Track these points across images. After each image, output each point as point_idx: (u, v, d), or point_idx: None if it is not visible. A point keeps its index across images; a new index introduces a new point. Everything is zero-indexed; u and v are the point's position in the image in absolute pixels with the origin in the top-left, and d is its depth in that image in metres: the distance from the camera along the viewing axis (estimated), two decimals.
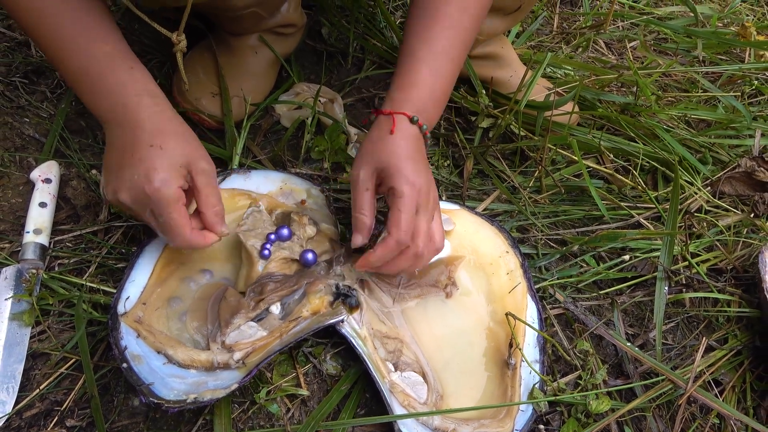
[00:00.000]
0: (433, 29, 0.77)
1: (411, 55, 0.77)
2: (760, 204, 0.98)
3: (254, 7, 0.91)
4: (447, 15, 0.77)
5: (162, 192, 0.65)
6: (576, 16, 1.44)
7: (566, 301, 0.85)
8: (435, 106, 0.79)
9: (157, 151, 0.67)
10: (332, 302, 0.76)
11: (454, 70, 0.79)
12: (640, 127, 1.07)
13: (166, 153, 0.67)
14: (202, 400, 0.64)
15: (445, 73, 0.78)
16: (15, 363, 0.71)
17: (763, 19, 1.55)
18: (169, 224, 0.67)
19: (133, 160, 0.66)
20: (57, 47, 0.69)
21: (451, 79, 0.80)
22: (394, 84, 0.78)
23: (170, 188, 0.66)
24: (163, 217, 0.67)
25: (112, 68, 0.69)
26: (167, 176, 0.66)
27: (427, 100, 0.77)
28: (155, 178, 0.65)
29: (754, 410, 0.79)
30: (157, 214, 0.67)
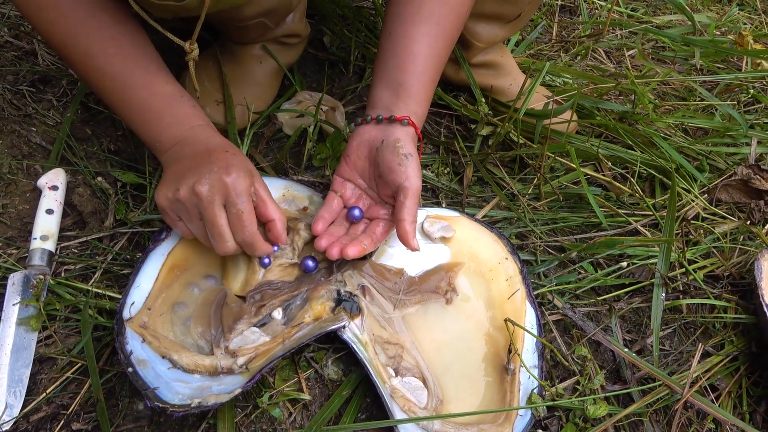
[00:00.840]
0: (418, 26, 0.79)
1: (408, 58, 0.79)
2: (756, 211, 0.99)
3: (262, 17, 0.93)
4: (432, 12, 0.79)
5: (240, 181, 0.72)
6: (575, 25, 1.45)
7: (565, 307, 0.87)
8: (427, 106, 0.84)
9: (232, 156, 0.74)
10: (334, 308, 0.77)
11: (440, 66, 0.83)
12: (637, 135, 1.08)
13: (239, 158, 0.75)
14: (206, 405, 0.66)
15: (433, 76, 0.82)
16: (22, 367, 0.73)
17: (760, 27, 1.57)
18: (242, 215, 0.72)
19: (211, 160, 0.73)
20: (118, 85, 0.76)
21: (437, 77, 0.83)
22: (401, 87, 0.79)
23: (245, 182, 0.72)
24: (237, 207, 0.71)
25: (179, 103, 0.79)
26: (242, 173, 0.72)
27: (423, 103, 0.82)
28: (233, 171, 0.72)
29: (750, 416, 0.80)
30: (231, 204, 0.71)
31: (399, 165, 0.76)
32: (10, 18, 1.13)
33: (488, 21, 1.02)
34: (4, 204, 0.87)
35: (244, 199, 0.72)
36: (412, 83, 0.79)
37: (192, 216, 0.73)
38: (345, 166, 0.82)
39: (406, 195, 0.75)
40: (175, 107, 0.78)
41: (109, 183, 0.92)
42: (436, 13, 0.79)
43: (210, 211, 0.71)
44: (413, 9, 0.79)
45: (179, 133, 0.78)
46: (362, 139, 0.81)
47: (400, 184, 0.76)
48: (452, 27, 0.81)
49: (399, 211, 0.76)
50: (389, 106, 0.80)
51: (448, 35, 0.81)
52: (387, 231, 0.81)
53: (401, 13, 0.80)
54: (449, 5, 0.80)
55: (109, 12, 0.75)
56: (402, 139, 0.77)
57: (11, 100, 0.99)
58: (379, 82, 0.81)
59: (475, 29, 1.02)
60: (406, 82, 0.79)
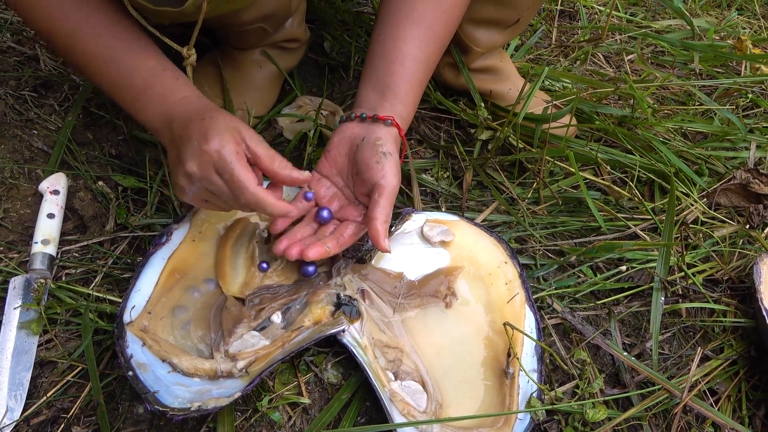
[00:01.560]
0: (406, 29, 0.79)
1: (397, 61, 0.79)
2: (755, 215, 1.00)
3: (260, 22, 0.93)
4: (422, 16, 0.79)
5: (223, 148, 0.68)
6: (574, 30, 1.46)
7: (564, 311, 0.87)
8: (414, 109, 0.83)
9: (210, 120, 0.70)
10: (333, 312, 0.77)
11: (429, 71, 0.83)
12: (637, 140, 1.08)
13: (218, 121, 0.70)
14: (205, 408, 0.66)
15: (422, 80, 0.81)
16: (23, 371, 0.73)
17: (759, 32, 1.58)
18: (235, 179, 0.68)
19: (189, 133, 0.70)
20: (100, 66, 0.75)
21: (425, 81, 0.83)
22: (389, 89, 0.79)
23: (229, 144, 0.68)
24: (227, 173, 0.68)
25: (161, 78, 0.75)
26: (223, 136, 0.68)
27: (410, 105, 0.81)
28: (212, 139, 0.68)
29: (750, 419, 0.80)
30: (221, 172, 0.68)
31: (377, 163, 0.75)
32: (12, 24, 1.13)
33: (487, 26, 1.02)
34: (6, 208, 0.88)
35: (231, 159, 0.68)
36: (400, 85, 0.79)
37: (209, 194, 0.72)
38: (324, 161, 0.81)
39: (380, 193, 0.74)
40: (157, 83, 0.75)
41: (110, 187, 0.92)
42: (428, 16, 0.79)
43: (211, 186, 0.70)
44: (404, 11, 0.79)
45: (164, 110, 0.74)
46: (344, 136, 0.79)
47: (376, 182, 0.74)
48: (443, 30, 0.81)
49: (372, 210, 0.74)
50: (375, 105, 0.79)
51: (438, 39, 0.81)
52: (356, 234, 0.79)
53: (392, 15, 0.79)
54: (440, 9, 0.79)
55: (103, 4, 0.74)
56: (383, 138, 0.76)
57: (13, 105, 0.99)
58: (366, 82, 0.81)
59: (474, 34, 1.03)
60: (394, 83, 0.79)
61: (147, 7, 0.69)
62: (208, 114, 0.71)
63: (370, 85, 0.80)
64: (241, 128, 0.71)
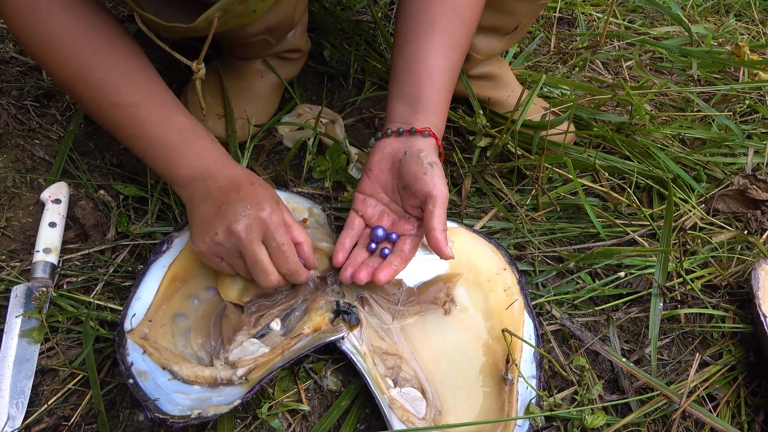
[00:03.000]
0: (431, 42, 0.80)
1: (425, 73, 0.80)
2: (753, 221, 1.00)
3: (264, 34, 0.94)
4: (444, 27, 0.80)
5: (275, 217, 0.73)
6: (573, 37, 1.47)
7: (563, 317, 0.87)
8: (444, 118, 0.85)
9: (259, 187, 0.75)
10: (333, 319, 0.78)
11: (455, 78, 0.84)
12: (635, 146, 1.09)
13: (266, 189, 0.76)
14: (205, 416, 0.66)
15: (449, 88, 0.83)
16: (24, 379, 0.73)
17: (757, 38, 1.58)
18: (283, 247, 0.73)
19: (240, 196, 0.73)
20: (135, 125, 0.76)
21: (452, 88, 0.84)
22: (425, 102, 0.80)
23: (279, 214, 0.74)
24: (276, 240, 0.73)
25: (196, 136, 0.78)
26: (274, 206, 0.74)
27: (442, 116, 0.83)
28: (266, 206, 0.73)
29: (749, 425, 0.80)
30: (270, 238, 0.73)
31: (425, 174, 0.76)
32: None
33: (486, 33, 1.03)
34: (8, 217, 0.89)
35: (282, 231, 0.73)
36: (430, 97, 0.80)
37: (232, 255, 0.74)
38: (367, 180, 0.82)
39: (434, 203, 0.75)
40: (194, 141, 0.77)
41: (111, 196, 0.93)
42: (449, 27, 0.80)
43: (250, 249, 0.72)
44: (426, 24, 0.79)
45: (198, 167, 0.77)
46: (384, 153, 0.81)
47: (428, 192, 0.76)
48: (464, 40, 0.82)
49: (429, 221, 0.75)
50: (408, 119, 0.80)
51: (460, 47, 0.82)
52: (415, 247, 0.80)
53: (414, 29, 0.80)
54: (461, 18, 0.81)
55: (115, 44, 0.74)
56: (425, 149, 0.78)
57: (15, 115, 1.00)
58: (395, 97, 0.82)
59: (473, 41, 1.03)
60: (423, 96, 0.80)
61: (158, 23, 0.70)
62: (256, 181, 0.77)
63: (400, 99, 0.81)
64: (280, 201, 0.78)
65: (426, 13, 0.80)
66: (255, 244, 0.72)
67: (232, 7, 0.69)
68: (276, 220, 0.73)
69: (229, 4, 0.68)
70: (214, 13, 0.68)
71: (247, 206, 0.72)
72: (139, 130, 0.76)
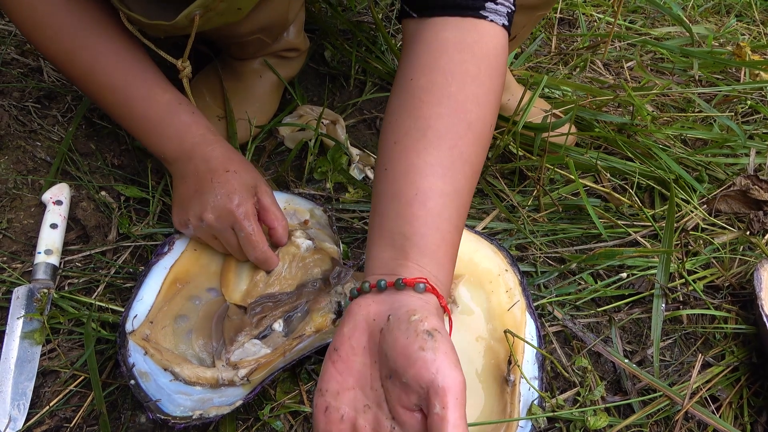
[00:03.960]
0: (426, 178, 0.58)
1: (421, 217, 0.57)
2: (755, 222, 1.00)
3: (258, 33, 0.94)
4: (438, 159, 0.59)
5: (242, 208, 0.76)
6: (574, 38, 1.47)
7: (565, 318, 0.87)
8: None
9: (233, 175, 0.77)
10: (335, 320, 0.78)
11: (463, 209, 0.62)
12: (636, 147, 1.09)
13: (240, 176, 0.78)
14: (207, 417, 0.66)
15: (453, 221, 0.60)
16: (26, 380, 0.73)
17: (758, 38, 1.58)
18: (251, 237, 0.76)
19: (213, 185, 0.76)
20: (119, 98, 0.78)
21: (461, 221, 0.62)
22: (418, 241, 0.57)
23: (248, 205, 0.76)
24: (244, 231, 0.76)
25: (177, 111, 0.79)
26: (244, 195, 0.76)
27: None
28: (235, 198, 0.75)
29: (751, 426, 0.80)
30: (238, 229, 0.76)
31: (421, 350, 0.48)
32: (16, 36, 1.14)
33: None
34: (9, 219, 0.88)
35: (248, 222, 0.76)
36: (426, 234, 0.56)
37: (208, 238, 0.80)
38: (332, 370, 0.53)
39: (444, 402, 0.46)
40: (174, 117, 0.79)
41: (112, 197, 0.93)
42: (450, 132, 0.59)
43: (222, 236, 0.78)
44: (417, 132, 0.59)
45: (180, 145, 0.79)
46: (357, 321, 0.54)
47: (430, 381, 0.47)
48: (472, 149, 0.60)
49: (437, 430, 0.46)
50: (394, 267, 0.56)
51: (468, 162, 0.60)
52: None
53: (400, 140, 0.59)
54: (466, 121, 0.59)
55: (105, 26, 0.77)
56: (419, 309, 0.51)
57: (17, 116, 1.00)
58: (377, 239, 0.59)
59: None
60: (416, 233, 0.56)
61: (141, 21, 0.70)
62: (232, 167, 0.78)
63: (384, 242, 0.58)
64: (258, 184, 0.79)
65: (417, 118, 0.59)
66: (226, 232, 0.77)
67: (214, 4, 0.69)
68: (243, 212, 0.75)
69: (210, 2, 0.68)
70: (194, 10, 0.68)
71: (217, 196, 0.75)
72: (125, 110, 0.79)
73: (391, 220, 0.58)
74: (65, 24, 0.75)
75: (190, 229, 0.80)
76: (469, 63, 0.61)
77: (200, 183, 0.77)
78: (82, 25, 0.76)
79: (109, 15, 0.78)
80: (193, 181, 0.78)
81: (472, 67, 0.61)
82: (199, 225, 0.78)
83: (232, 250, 0.80)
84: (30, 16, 0.74)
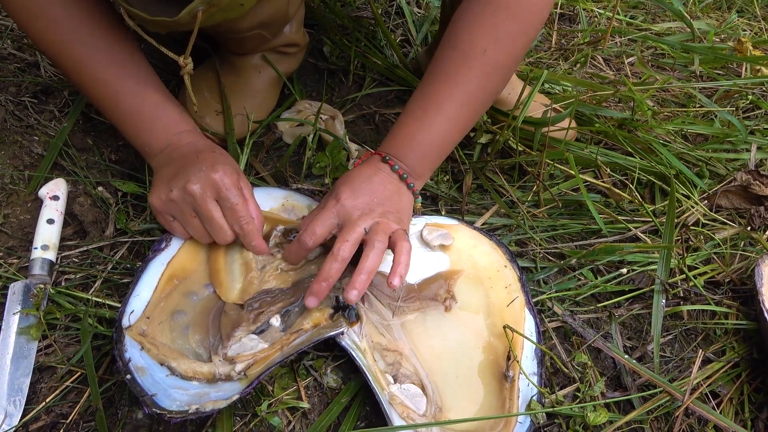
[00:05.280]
0: (440, 94, 0.81)
1: (411, 114, 0.82)
2: (756, 217, 0.99)
3: (258, 29, 0.93)
4: (453, 81, 0.80)
5: (228, 179, 0.76)
6: (574, 33, 1.46)
7: (564, 314, 0.86)
8: (430, 165, 0.85)
9: (218, 155, 0.80)
10: (332, 315, 0.77)
11: (458, 136, 0.84)
12: (637, 142, 1.08)
13: (226, 157, 0.81)
14: (204, 411, 0.66)
15: (450, 137, 0.83)
16: (22, 376, 0.73)
17: (759, 34, 1.57)
18: (236, 207, 0.77)
19: (198, 160, 0.78)
20: (109, 92, 0.80)
21: (451, 144, 0.85)
22: (403, 127, 0.83)
23: (233, 177, 0.77)
24: (230, 201, 0.76)
25: (168, 110, 0.83)
26: (229, 169, 0.77)
27: (419, 154, 0.83)
28: (219, 168, 0.77)
29: (752, 422, 0.79)
30: (224, 198, 0.76)
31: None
32: (13, 30, 1.14)
33: None
34: (6, 214, 0.88)
35: (234, 192, 0.77)
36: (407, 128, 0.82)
37: (187, 215, 0.78)
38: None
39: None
40: (165, 114, 0.82)
41: (109, 192, 0.92)
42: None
43: (204, 207, 0.76)
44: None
45: (167, 138, 0.82)
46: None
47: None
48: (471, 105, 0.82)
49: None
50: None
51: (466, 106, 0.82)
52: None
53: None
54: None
55: (100, 21, 0.77)
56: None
57: (13, 111, 1.00)
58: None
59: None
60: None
61: (143, 17, 0.69)
62: (217, 150, 0.82)
63: (404, 129, 0.84)
64: (240, 173, 0.80)
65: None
66: (209, 203, 0.76)
67: (217, 0, 0.68)
68: (228, 182, 0.76)
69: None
70: (198, 6, 0.67)
71: (202, 167, 0.76)
72: (113, 103, 0.81)
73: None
74: (59, 16, 0.75)
75: (163, 208, 0.79)
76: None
77: (185, 161, 0.78)
78: (76, 18, 0.76)
79: (105, 10, 0.78)
80: (179, 163, 0.79)
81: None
82: (182, 197, 0.77)
83: (213, 227, 0.78)
84: (25, 5, 0.74)
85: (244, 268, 0.81)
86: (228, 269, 0.81)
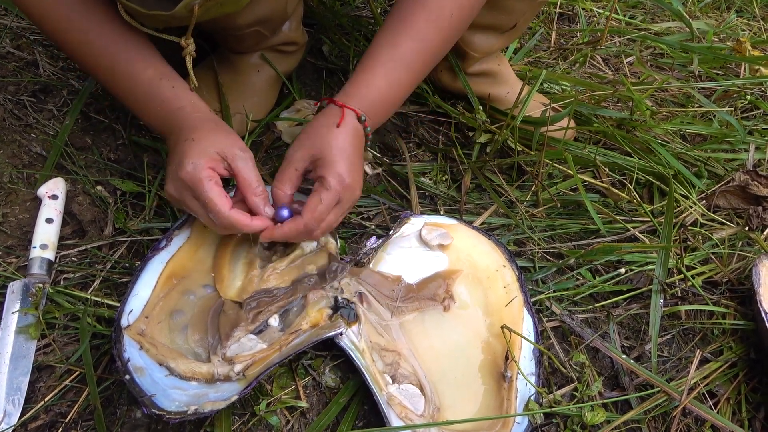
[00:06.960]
0: (398, 36, 0.80)
1: (372, 58, 0.80)
2: (754, 217, 0.99)
3: (256, 26, 0.93)
4: (414, 25, 0.79)
5: (193, 174, 0.72)
6: (573, 33, 1.46)
7: (562, 313, 0.87)
8: (383, 110, 0.83)
9: (190, 143, 0.74)
10: (331, 315, 0.77)
11: (412, 80, 0.82)
12: (635, 142, 1.08)
13: (198, 143, 0.74)
14: (202, 412, 0.66)
15: (400, 80, 0.81)
16: (21, 375, 0.73)
17: (759, 34, 1.58)
18: (207, 202, 0.72)
19: (174, 156, 0.75)
20: (107, 75, 0.79)
21: (407, 87, 0.83)
22: (351, 79, 0.81)
23: (201, 169, 0.72)
24: (200, 198, 0.73)
25: (157, 89, 0.78)
26: (198, 161, 0.73)
27: (377, 103, 0.81)
28: (187, 164, 0.72)
29: (749, 422, 0.80)
30: (195, 196, 0.73)
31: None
32: (11, 29, 1.14)
33: (484, 31, 1.02)
34: (5, 213, 0.88)
35: (202, 187, 0.72)
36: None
37: (185, 206, 0.77)
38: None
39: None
40: (156, 94, 0.79)
41: (108, 192, 0.92)
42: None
43: (188, 207, 0.76)
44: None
45: (164, 121, 0.79)
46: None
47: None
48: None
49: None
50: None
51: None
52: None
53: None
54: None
55: (97, 7, 0.76)
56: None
57: (12, 110, 1.00)
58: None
59: (471, 39, 1.03)
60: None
61: (139, 11, 0.69)
62: (192, 135, 0.75)
63: (352, 80, 0.82)
64: (227, 148, 0.75)
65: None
66: (188, 201, 0.75)
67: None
68: (195, 178, 0.72)
69: None
70: (193, 0, 0.67)
71: (172, 166, 0.75)
72: (111, 86, 0.80)
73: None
74: (60, 2, 0.74)
75: (175, 202, 0.79)
76: None
77: (171, 157, 0.77)
78: (76, 6, 0.75)
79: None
80: (169, 155, 0.79)
81: None
82: (170, 197, 0.77)
83: (205, 222, 0.76)
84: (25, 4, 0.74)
85: (247, 266, 0.81)
86: (231, 265, 0.81)
